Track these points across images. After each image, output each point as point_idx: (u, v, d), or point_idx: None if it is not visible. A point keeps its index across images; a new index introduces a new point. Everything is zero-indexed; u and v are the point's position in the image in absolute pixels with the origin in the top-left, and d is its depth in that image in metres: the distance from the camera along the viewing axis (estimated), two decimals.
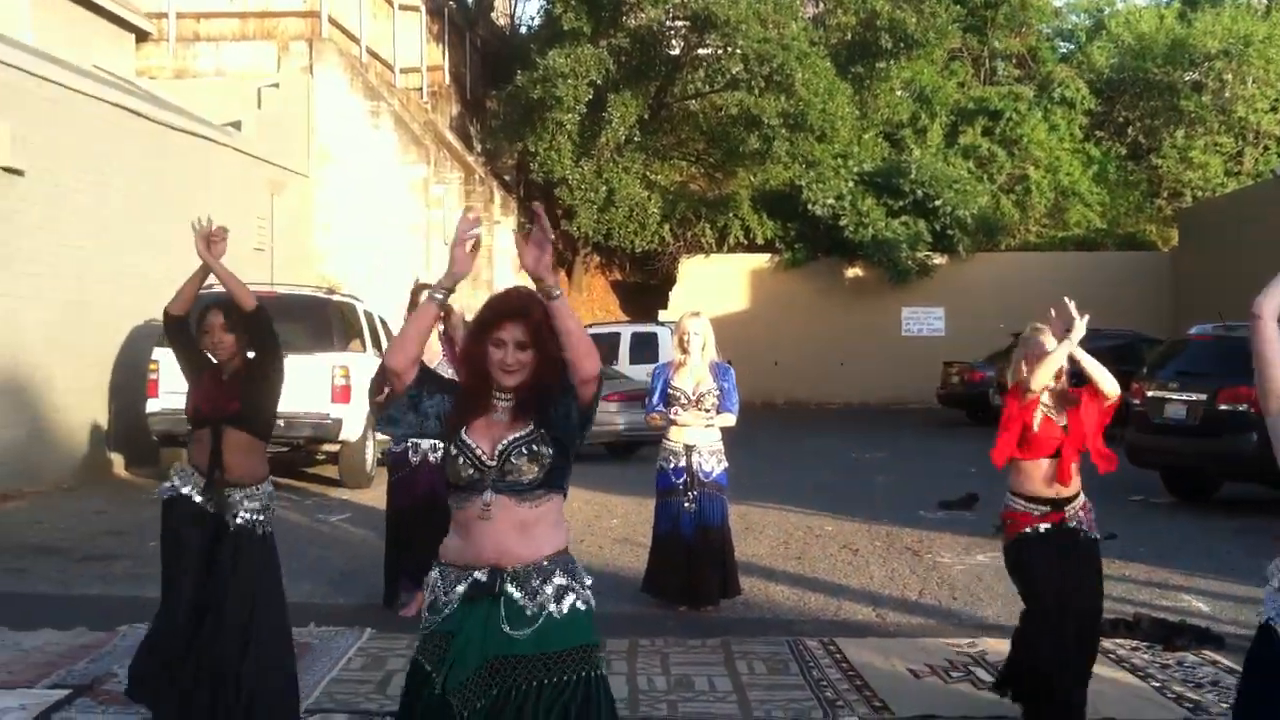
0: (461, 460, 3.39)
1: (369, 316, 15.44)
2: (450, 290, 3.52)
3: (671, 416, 8.08)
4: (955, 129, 33.96)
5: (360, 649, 7.03)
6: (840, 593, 8.89)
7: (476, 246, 3.46)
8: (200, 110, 19.64)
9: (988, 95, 34.65)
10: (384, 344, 14.54)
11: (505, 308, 3.44)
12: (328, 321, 14.31)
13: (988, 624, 7.88)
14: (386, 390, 3.48)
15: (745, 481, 12.73)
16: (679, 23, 30.42)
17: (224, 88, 22.50)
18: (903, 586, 9.12)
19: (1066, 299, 5.55)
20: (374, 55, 27.33)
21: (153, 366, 13.49)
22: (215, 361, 5.24)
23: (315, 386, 13.67)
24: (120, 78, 19.66)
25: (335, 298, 15.26)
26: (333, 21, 24.54)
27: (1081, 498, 5.61)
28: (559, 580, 3.41)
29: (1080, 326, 5.40)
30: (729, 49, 29.10)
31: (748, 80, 28.52)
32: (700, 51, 30.86)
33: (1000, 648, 7.04)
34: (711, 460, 8.10)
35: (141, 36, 23.21)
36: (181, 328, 5.31)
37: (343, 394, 13.85)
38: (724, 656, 6.91)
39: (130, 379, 14.74)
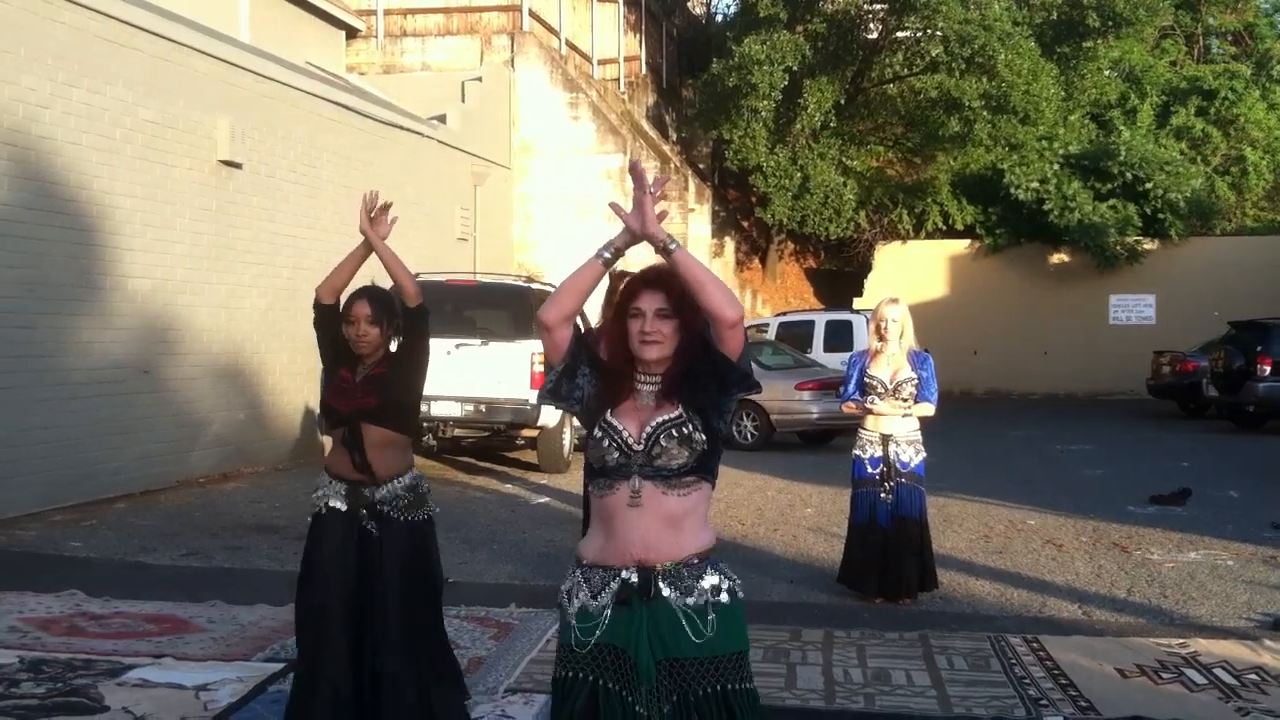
0: (607, 443, 3.20)
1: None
2: (620, 250, 3.26)
3: (868, 405, 7.98)
4: (1167, 109, 32.68)
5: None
6: (1044, 589, 8.65)
7: (663, 215, 3.22)
8: (407, 104, 20.22)
9: (1201, 74, 33.25)
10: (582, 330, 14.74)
11: (642, 277, 3.28)
12: (527, 310, 14.56)
13: (1200, 624, 7.57)
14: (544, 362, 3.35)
15: (944, 473, 12.53)
16: (877, 6, 30.03)
17: (429, 82, 23.12)
18: (1110, 584, 8.82)
19: None
20: (573, 47, 27.72)
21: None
22: (357, 354, 4.82)
23: (515, 373, 13.99)
24: (331, 73, 20.40)
25: (535, 286, 15.54)
26: (533, 15, 24.98)
27: None
28: (712, 579, 3.21)
29: None
30: (928, 31, 28.63)
31: (948, 62, 27.99)
32: (899, 34, 30.41)
33: (1214, 649, 6.78)
34: (909, 450, 7.97)
35: (351, 33, 24.04)
36: (330, 315, 4.90)
37: (541, 380, 14.06)
38: (922, 650, 6.80)
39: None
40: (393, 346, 4.90)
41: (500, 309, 14.85)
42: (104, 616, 7.35)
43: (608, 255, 3.26)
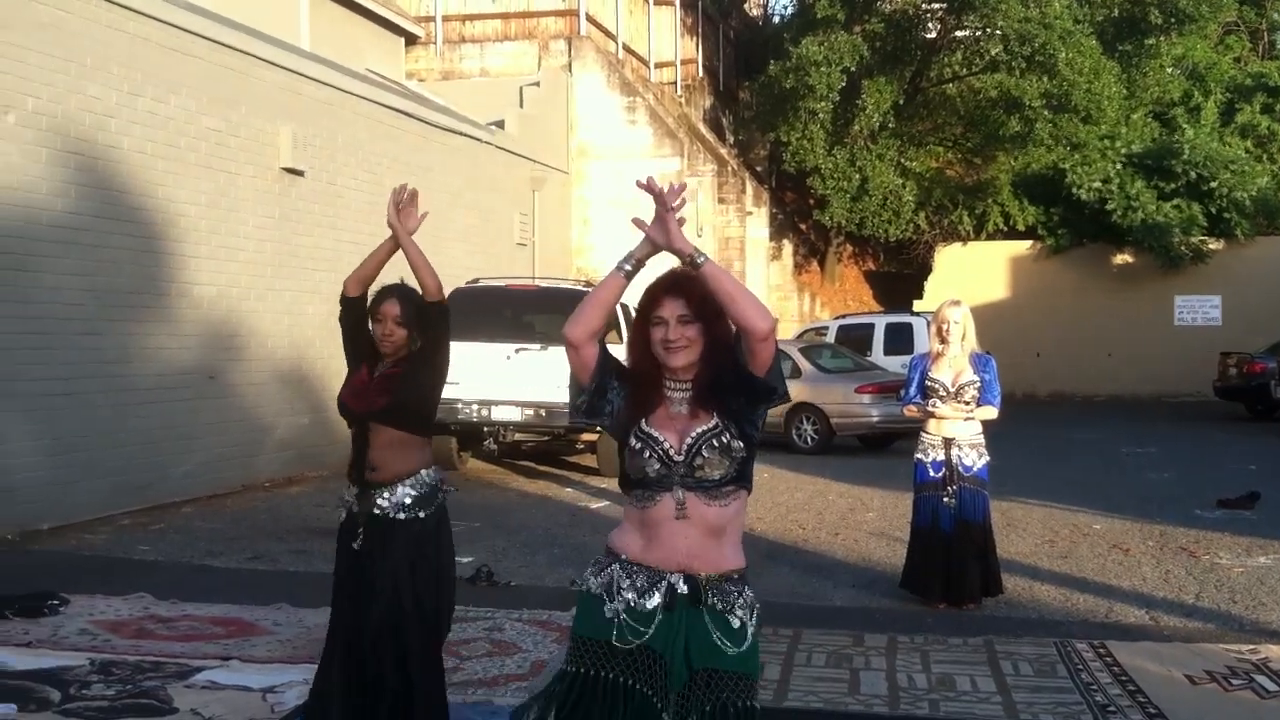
0: (647, 454, 3.14)
1: (625, 309, 15.67)
2: (641, 261, 3.21)
3: (929, 409, 7.92)
4: (1231, 107, 32.15)
5: None
6: (1110, 594, 8.54)
7: (681, 221, 3.15)
8: (465, 110, 20.34)
9: (1267, 70, 32.68)
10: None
11: (661, 284, 3.21)
12: None
13: (1271, 630, 7.44)
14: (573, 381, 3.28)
15: (1007, 476, 12.41)
16: (936, 5, 29.85)
17: (488, 87, 23.26)
18: (1178, 589, 8.70)
19: None
20: (630, 51, 27.78)
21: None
22: (381, 352, 4.75)
23: None
24: (391, 80, 20.56)
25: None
26: (590, 19, 25.06)
27: None
28: (748, 594, 3.21)
29: None
30: (988, 30, 28.43)
31: (1008, 61, 27.79)
32: (958, 34, 30.22)
33: None
34: (972, 454, 7.90)
35: (411, 40, 24.23)
36: (355, 309, 4.84)
37: None
38: (987, 656, 6.73)
39: None
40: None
41: (559, 313, 14.77)
42: (172, 619, 7.44)
43: (629, 268, 3.21)
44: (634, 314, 3.34)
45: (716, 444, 3.12)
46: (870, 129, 29.02)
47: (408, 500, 4.62)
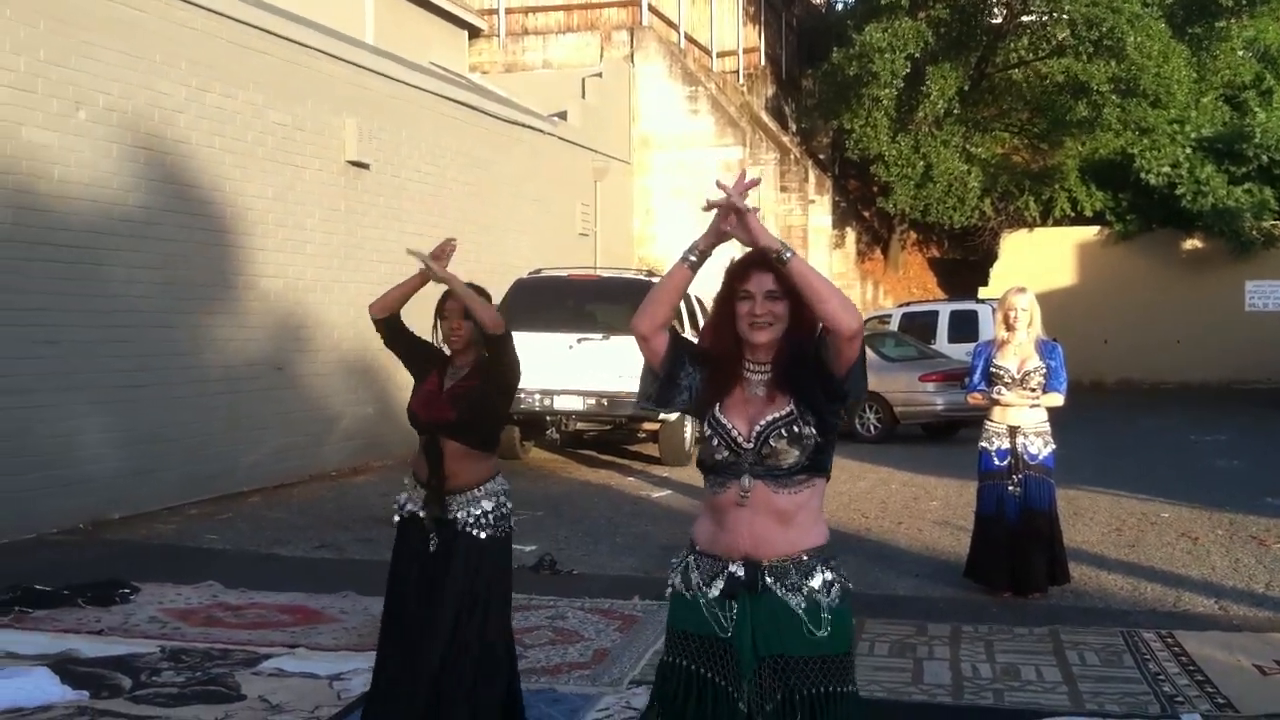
0: (716, 441, 3.15)
1: (687, 298, 15.68)
2: (706, 252, 3.19)
3: (994, 396, 7.86)
4: None
5: None
6: (1179, 583, 8.43)
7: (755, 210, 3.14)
8: (528, 101, 20.43)
9: None
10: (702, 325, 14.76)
11: (750, 259, 3.16)
12: None
13: None
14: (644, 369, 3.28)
15: (1073, 464, 12.27)
16: None
17: (550, 79, 23.34)
18: (1248, 578, 8.57)
19: None
20: (692, 40, 27.74)
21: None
22: (450, 349, 4.77)
23: (636, 367, 13.96)
24: (454, 73, 20.69)
25: (656, 280, 15.54)
26: (653, 9, 25.05)
27: None
28: (824, 575, 3.14)
29: None
30: (1054, 15, 28.11)
31: (1075, 46, 27.43)
32: (1024, 18, 29.86)
33: None
34: (1038, 442, 7.82)
35: (474, 33, 24.36)
36: (392, 329, 4.89)
37: None
38: (1053, 646, 6.67)
39: None
40: (485, 353, 4.79)
41: (621, 303, 14.86)
42: (240, 607, 7.56)
43: (694, 259, 3.19)
44: (696, 302, 3.33)
45: (786, 433, 3.09)
46: (935, 115, 28.77)
47: (479, 510, 4.66)
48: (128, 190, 11.05)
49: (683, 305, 15.41)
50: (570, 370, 13.81)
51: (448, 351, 4.81)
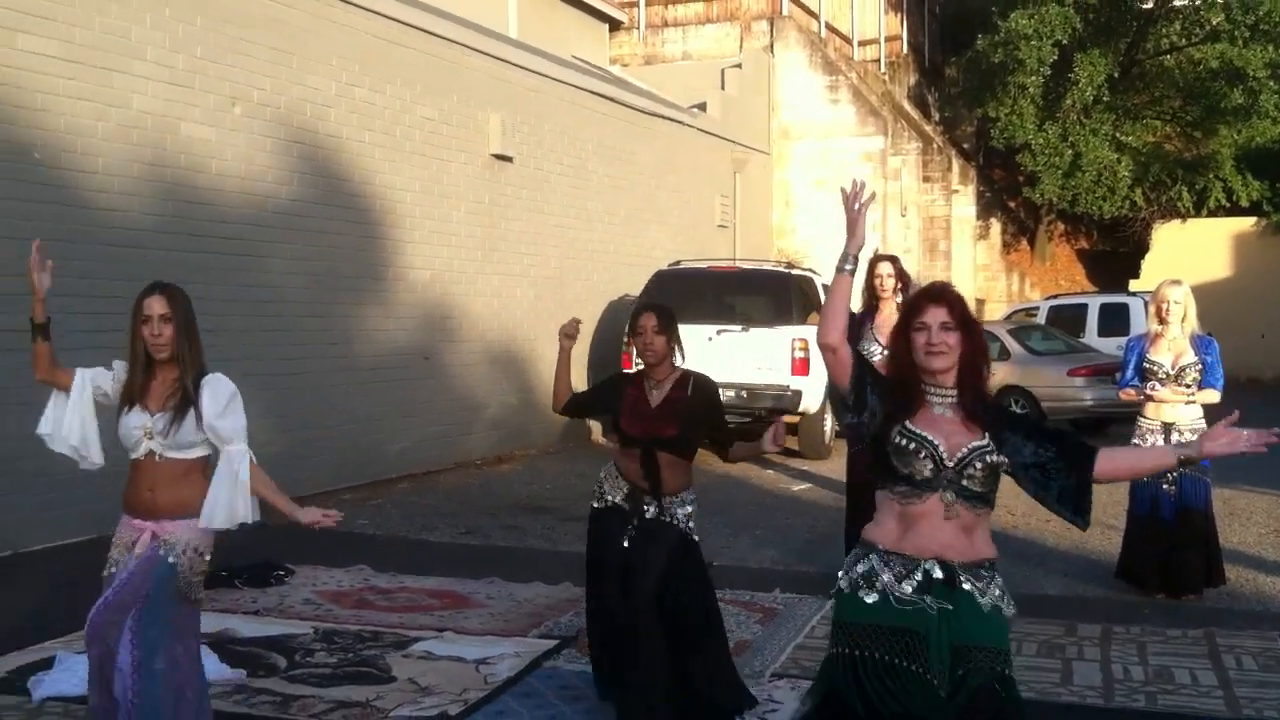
0: (922, 454, 3.38)
1: (811, 284, 15.55)
2: (856, 258, 3.55)
3: (1148, 392, 7.66)
4: None
5: (824, 617, 7.12)
6: None
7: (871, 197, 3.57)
8: (668, 93, 20.46)
9: None
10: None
11: (926, 292, 3.50)
12: (788, 295, 14.54)
13: None
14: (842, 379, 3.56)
15: (1230, 463, 11.84)
16: None
17: (690, 71, 23.33)
18: None
19: None
20: (832, 29, 27.48)
21: (626, 342, 14.23)
22: (646, 364, 5.11)
23: (776, 359, 13.99)
24: (595, 66, 20.81)
25: (795, 272, 15.48)
26: None
27: None
28: (1000, 584, 3.45)
29: None
30: None
31: (1230, 31, 26.56)
32: (1176, 3, 28.96)
33: None
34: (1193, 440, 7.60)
35: (614, 26, 24.47)
36: (575, 406, 5.39)
37: (802, 366, 14.04)
38: (1208, 649, 6.50)
39: (605, 352, 15.64)
40: (678, 360, 5.16)
41: (761, 295, 14.87)
42: (390, 591, 7.75)
43: (849, 267, 3.54)
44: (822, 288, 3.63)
45: (986, 462, 3.38)
46: (1083, 103, 28.10)
47: (683, 512, 5.03)
48: (281, 183, 11.37)
49: (823, 297, 15.36)
50: (709, 362, 13.65)
51: (640, 365, 5.16)
